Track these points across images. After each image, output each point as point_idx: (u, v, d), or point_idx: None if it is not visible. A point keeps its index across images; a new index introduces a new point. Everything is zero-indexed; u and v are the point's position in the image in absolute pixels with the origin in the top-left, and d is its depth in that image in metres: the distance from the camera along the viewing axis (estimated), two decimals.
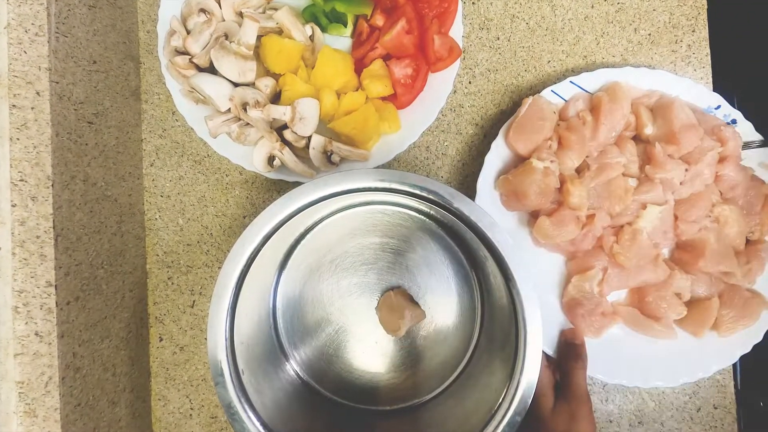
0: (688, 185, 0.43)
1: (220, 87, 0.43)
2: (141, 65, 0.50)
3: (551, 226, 0.42)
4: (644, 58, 0.49)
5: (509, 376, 0.35)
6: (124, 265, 0.46)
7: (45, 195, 0.36)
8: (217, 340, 0.35)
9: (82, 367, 0.38)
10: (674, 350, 0.43)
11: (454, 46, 0.45)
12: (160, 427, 0.48)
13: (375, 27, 0.46)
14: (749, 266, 0.43)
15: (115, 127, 0.45)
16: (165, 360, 0.49)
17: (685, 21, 0.49)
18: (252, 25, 0.43)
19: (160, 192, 0.49)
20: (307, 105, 0.43)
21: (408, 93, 0.45)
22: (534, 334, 0.34)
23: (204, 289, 0.49)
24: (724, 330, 0.42)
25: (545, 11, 0.49)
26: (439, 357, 0.44)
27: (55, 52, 0.37)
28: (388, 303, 0.43)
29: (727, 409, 0.47)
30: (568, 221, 0.42)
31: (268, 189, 0.49)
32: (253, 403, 0.36)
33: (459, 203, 0.35)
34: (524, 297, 0.34)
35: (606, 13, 0.49)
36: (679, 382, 0.43)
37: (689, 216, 0.43)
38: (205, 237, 0.49)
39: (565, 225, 0.42)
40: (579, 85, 0.45)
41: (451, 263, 0.44)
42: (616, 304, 0.45)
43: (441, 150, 0.49)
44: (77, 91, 0.40)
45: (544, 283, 0.45)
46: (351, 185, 0.35)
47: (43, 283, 0.36)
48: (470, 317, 0.44)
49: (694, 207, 0.43)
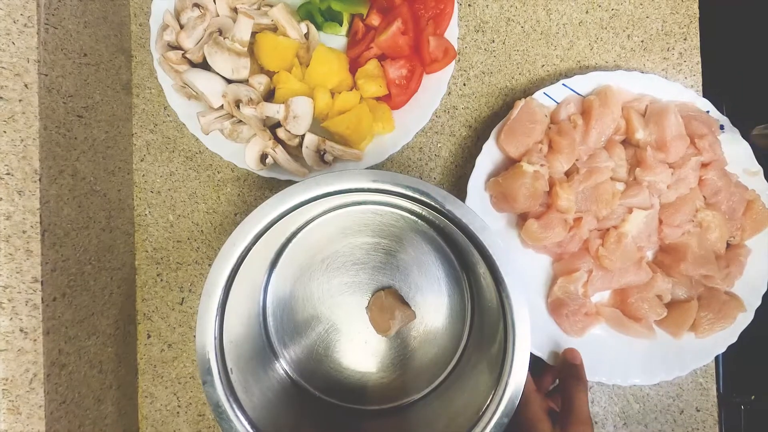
0: (673, 189, 0.44)
1: (213, 83, 0.43)
2: (133, 59, 0.49)
3: (539, 229, 0.43)
4: (637, 64, 0.49)
5: (497, 377, 0.35)
6: (113, 261, 0.45)
7: (32, 189, 0.35)
8: (205, 339, 0.35)
9: (67, 364, 0.38)
10: (653, 349, 0.45)
11: (449, 47, 0.45)
12: (147, 424, 0.48)
13: (370, 26, 0.46)
14: (728, 270, 0.44)
15: (105, 121, 0.45)
16: (153, 357, 0.48)
17: (678, 29, 0.49)
18: (246, 21, 0.43)
19: (150, 188, 0.49)
20: (301, 103, 0.43)
21: (402, 94, 0.45)
22: (522, 337, 0.35)
23: (193, 287, 0.49)
24: (702, 331, 0.44)
25: (540, 15, 0.49)
26: (428, 357, 0.45)
27: (44, 44, 0.37)
28: (378, 303, 0.44)
29: (709, 411, 0.48)
30: (556, 224, 0.43)
31: (260, 187, 0.49)
32: (241, 402, 0.36)
33: (451, 206, 0.35)
34: (513, 300, 0.35)
35: (600, 19, 0.49)
36: (656, 380, 0.44)
37: (673, 221, 0.44)
38: (196, 234, 0.49)
39: (553, 228, 0.43)
40: (571, 87, 0.45)
41: (442, 264, 0.44)
42: (599, 304, 0.46)
43: (434, 151, 0.49)
44: (67, 83, 0.39)
45: (531, 284, 0.46)
46: (343, 186, 0.35)
47: (28, 279, 0.35)
48: (460, 318, 0.44)
49: (678, 212, 0.44)
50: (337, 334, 0.45)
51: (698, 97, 0.46)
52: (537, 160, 0.43)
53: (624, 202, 0.44)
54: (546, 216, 0.43)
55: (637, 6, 0.49)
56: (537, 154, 0.43)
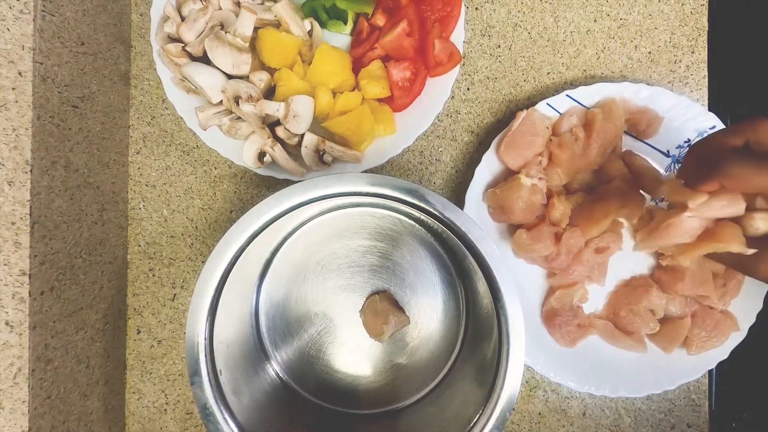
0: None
1: (212, 78, 0.42)
2: (132, 49, 0.48)
3: (528, 239, 0.43)
4: (643, 75, 0.49)
5: (490, 387, 0.35)
6: (104, 255, 0.44)
7: (23, 180, 0.34)
8: (195, 339, 0.34)
9: (54, 359, 0.37)
10: (644, 363, 0.45)
11: (454, 51, 0.44)
12: (134, 420, 0.47)
13: (375, 27, 0.45)
14: (725, 289, 0.44)
15: (101, 112, 0.44)
16: (142, 353, 0.48)
17: (686, 42, 0.49)
18: (249, 16, 0.42)
19: (145, 181, 0.48)
20: (302, 102, 0.42)
21: (405, 96, 0.44)
22: (516, 347, 0.34)
23: (186, 283, 0.48)
24: (694, 348, 0.44)
25: (548, 22, 0.49)
26: (421, 363, 0.44)
27: (40, 32, 0.36)
28: (372, 307, 0.43)
29: (700, 428, 0.47)
30: (546, 237, 0.42)
31: (256, 185, 0.48)
32: (229, 404, 0.35)
33: (450, 213, 0.35)
34: (509, 310, 0.34)
35: (608, 29, 0.49)
36: (644, 393, 0.44)
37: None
38: (190, 230, 0.48)
39: (542, 240, 0.42)
40: (575, 98, 0.45)
41: (438, 270, 0.44)
42: (593, 316, 0.46)
43: (435, 156, 0.49)
44: (63, 73, 0.39)
45: (524, 293, 0.46)
46: (341, 188, 0.35)
47: (16, 272, 0.34)
48: (454, 325, 0.44)
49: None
50: (329, 336, 0.44)
51: (705, 111, 0.45)
52: (535, 173, 0.42)
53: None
54: (537, 228, 0.43)
55: (646, 17, 0.49)
56: (536, 166, 0.43)
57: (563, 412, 0.48)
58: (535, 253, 0.43)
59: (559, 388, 0.48)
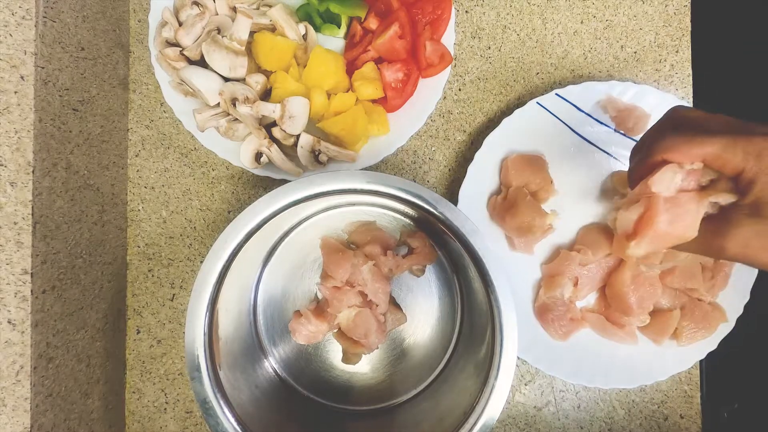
0: None
1: (210, 81, 0.43)
2: (130, 54, 0.49)
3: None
4: (629, 74, 0.50)
5: (484, 380, 0.36)
6: (104, 256, 0.45)
7: (25, 181, 0.35)
8: (195, 335, 0.35)
9: (55, 357, 0.38)
10: (635, 355, 0.45)
11: (445, 53, 0.46)
12: (134, 420, 0.48)
13: (368, 30, 0.46)
14: (713, 281, 0.45)
15: (101, 116, 0.45)
16: (141, 353, 0.48)
17: (670, 41, 0.50)
18: (245, 20, 0.43)
19: (144, 183, 0.49)
20: (297, 103, 0.43)
21: (398, 97, 0.46)
22: (509, 340, 0.35)
23: (185, 283, 0.49)
24: (684, 340, 0.45)
25: (536, 24, 0.50)
26: (417, 359, 0.45)
27: (42, 37, 0.37)
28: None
29: (693, 419, 0.48)
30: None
31: (254, 185, 0.49)
32: (229, 399, 0.36)
33: (443, 208, 0.36)
34: (502, 304, 0.35)
35: (594, 30, 0.50)
36: (636, 385, 0.45)
37: None
38: (189, 230, 0.49)
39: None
40: (565, 97, 0.46)
41: (433, 267, 0.45)
42: (585, 309, 0.47)
43: (428, 155, 0.50)
44: (63, 77, 0.39)
45: (518, 287, 0.46)
46: (337, 186, 0.36)
47: (18, 271, 0.35)
48: (450, 321, 0.45)
49: None
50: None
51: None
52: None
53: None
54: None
55: (631, 18, 0.50)
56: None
57: (558, 405, 0.48)
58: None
59: (553, 381, 0.48)
